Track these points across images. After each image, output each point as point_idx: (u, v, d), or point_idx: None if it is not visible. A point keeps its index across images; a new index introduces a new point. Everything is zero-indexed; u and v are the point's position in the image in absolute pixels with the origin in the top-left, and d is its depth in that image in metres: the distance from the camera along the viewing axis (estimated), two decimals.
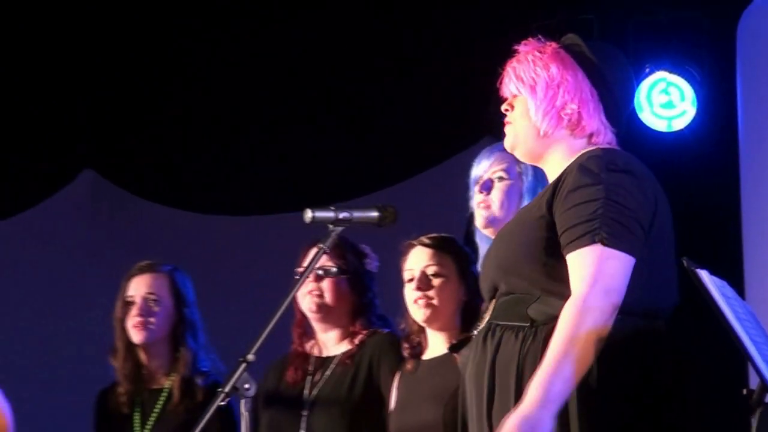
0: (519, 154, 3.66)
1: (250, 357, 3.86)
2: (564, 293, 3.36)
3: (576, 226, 3.37)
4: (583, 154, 3.50)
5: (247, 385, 3.86)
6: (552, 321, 3.35)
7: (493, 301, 3.56)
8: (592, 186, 3.39)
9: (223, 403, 3.89)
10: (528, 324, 3.41)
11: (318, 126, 6.65)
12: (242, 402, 3.88)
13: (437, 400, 4.22)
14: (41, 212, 6.98)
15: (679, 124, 6.21)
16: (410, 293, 4.38)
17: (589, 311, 3.30)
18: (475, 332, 3.58)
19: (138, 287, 4.89)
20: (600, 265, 3.34)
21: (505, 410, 3.36)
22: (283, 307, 4.08)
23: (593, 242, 3.34)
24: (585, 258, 3.35)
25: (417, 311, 4.37)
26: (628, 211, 3.38)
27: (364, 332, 4.63)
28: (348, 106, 6.55)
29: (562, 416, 3.29)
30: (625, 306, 3.34)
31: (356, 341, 4.62)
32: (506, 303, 3.50)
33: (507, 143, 3.64)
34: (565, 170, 3.48)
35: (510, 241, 3.55)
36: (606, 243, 3.33)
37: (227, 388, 3.87)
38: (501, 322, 3.48)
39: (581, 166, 3.44)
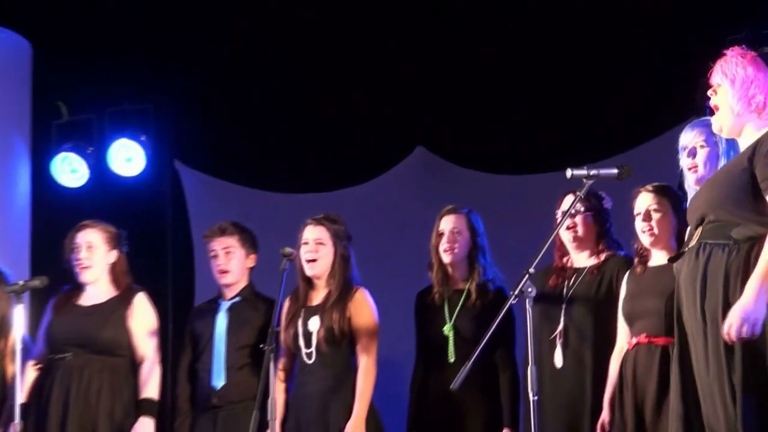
0: (724, 134, 3.62)
1: (531, 270, 3.91)
2: (758, 220, 3.36)
3: None
4: None
5: (530, 289, 3.91)
6: (749, 240, 3.36)
7: (700, 227, 3.52)
8: None
9: (514, 301, 3.96)
10: (731, 242, 3.38)
11: (569, 106, 6.42)
12: (527, 300, 3.93)
13: (660, 294, 4.14)
14: (385, 179, 6.92)
15: None
16: (638, 224, 4.34)
17: None
18: (686, 249, 3.55)
19: (446, 224, 4.90)
20: None
21: (714, 304, 3.38)
22: (553, 235, 4.15)
23: None
24: None
25: (644, 238, 4.33)
26: None
27: (607, 252, 4.59)
28: (596, 96, 6.36)
29: None
30: None
31: (600, 258, 4.58)
32: (713, 228, 3.47)
33: (715, 127, 3.63)
34: (762, 137, 3.45)
35: (719, 186, 3.51)
36: None
37: (516, 291, 3.93)
38: (710, 241, 3.44)
39: None
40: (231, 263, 5.09)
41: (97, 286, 5.05)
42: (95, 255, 5.03)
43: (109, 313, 4.97)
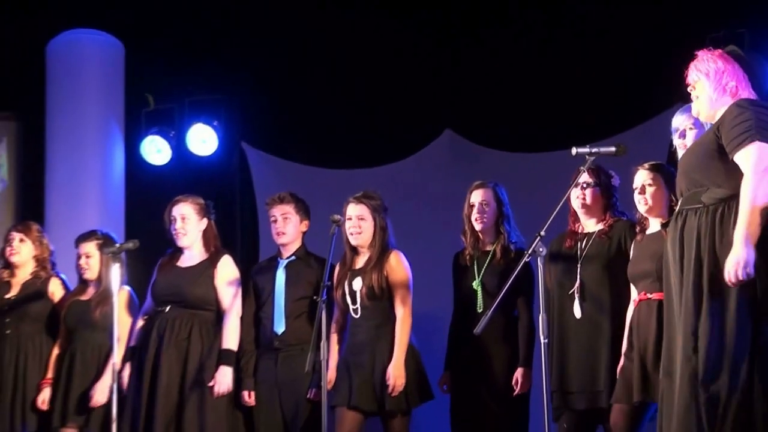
0: (702, 117, 3.64)
1: (542, 233, 3.92)
2: (724, 184, 3.38)
3: (738, 136, 3.34)
4: (737, 100, 3.48)
5: (541, 249, 3.93)
6: (718, 203, 3.39)
7: (681, 197, 3.55)
8: (745, 112, 3.37)
9: (527, 260, 3.98)
10: (701, 205, 3.38)
11: (576, 94, 6.31)
12: (539, 259, 3.94)
13: (653, 257, 4.12)
14: (419, 157, 6.82)
15: None
16: (636, 196, 4.32)
17: (760, 182, 3.28)
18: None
19: (476, 196, 4.86)
20: (760, 154, 3.30)
21: (689, 259, 3.42)
22: (560, 204, 4.13)
23: (752, 141, 3.31)
24: (749, 152, 3.31)
25: (640, 207, 4.32)
26: None
27: (612, 219, 4.55)
28: (598, 85, 6.27)
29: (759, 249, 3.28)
30: None
31: (608, 224, 4.55)
32: (688, 196, 3.51)
33: (694, 111, 3.66)
34: (725, 112, 3.46)
35: (691, 157, 3.56)
36: (761, 140, 3.31)
37: (529, 251, 3.96)
38: (686, 207, 3.46)
39: (735, 104, 3.45)
40: (287, 227, 5.08)
41: (191, 250, 5.08)
42: (188, 224, 5.05)
43: (200, 274, 5.00)
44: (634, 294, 4.30)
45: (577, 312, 4.42)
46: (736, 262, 3.22)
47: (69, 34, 6.79)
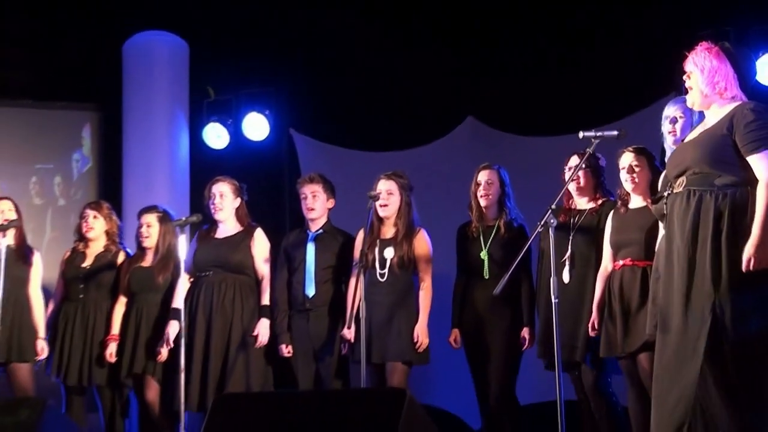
0: (696, 108, 3.57)
1: (553, 206, 3.88)
2: (737, 173, 3.34)
3: (755, 140, 3.30)
4: (744, 102, 3.42)
5: (552, 221, 3.89)
6: (730, 187, 3.35)
7: (681, 177, 3.46)
8: (760, 119, 3.33)
9: (541, 230, 3.94)
10: (716, 188, 3.36)
11: (580, 85, 6.27)
12: (550, 230, 3.90)
13: (641, 228, 4.14)
14: (443, 142, 6.72)
15: None
16: (623, 176, 4.28)
17: None
18: (666, 194, 3.50)
19: (482, 176, 4.83)
20: None
21: (706, 233, 3.35)
22: (569, 181, 4.08)
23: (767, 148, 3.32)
24: (764, 157, 3.30)
25: (627, 185, 4.30)
26: None
27: (603, 198, 4.55)
28: (600, 77, 6.23)
29: None
30: None
31: (598, 203, 4.55)
32: (696, 178, 3.42)
33: (688, 102, 3.59)
34: (735, 110, 3.40)
35: (702, 147, 3.44)
36: None
37: (541, 222, 3.91)
38: (696, 188, 3.40)
39: (750, 108, 3.39)
40: (316, 203, 5.04)
41: (226, 223, 5.12)
42: (225, 201, 5.07)
43: (238, 242, 5.03)
44: (610, 259, 4.28)
45: (566, 277, 4.41)
46: (761, 250, 3.20)
47: (142, 36, 6.86)
